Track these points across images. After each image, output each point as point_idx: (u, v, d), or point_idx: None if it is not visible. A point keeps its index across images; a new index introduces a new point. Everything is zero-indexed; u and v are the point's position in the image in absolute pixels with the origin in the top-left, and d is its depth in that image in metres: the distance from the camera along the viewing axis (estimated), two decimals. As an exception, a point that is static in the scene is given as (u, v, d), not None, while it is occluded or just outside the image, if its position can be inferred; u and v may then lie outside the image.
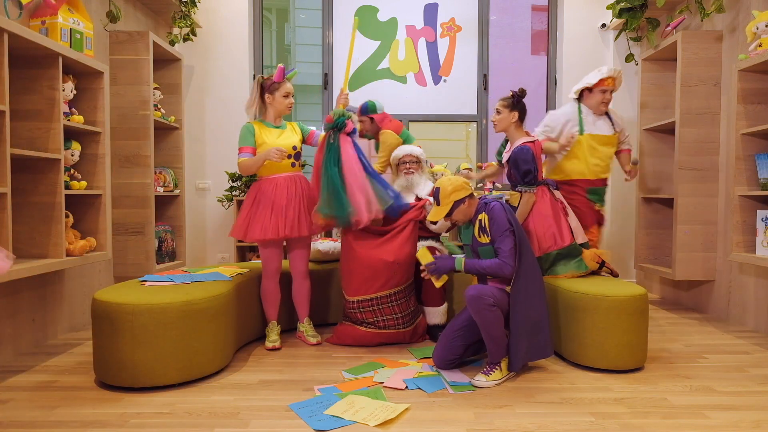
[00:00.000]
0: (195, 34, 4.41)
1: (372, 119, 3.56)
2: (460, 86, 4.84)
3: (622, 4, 4.13)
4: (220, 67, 4.67)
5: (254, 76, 4.77)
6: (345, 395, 2.22)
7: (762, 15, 2.97)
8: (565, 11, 4.72)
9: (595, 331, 2.51)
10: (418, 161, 3.31)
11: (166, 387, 2.32)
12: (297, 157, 2.96)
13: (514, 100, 2.91)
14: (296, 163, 2.96)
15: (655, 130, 4.07)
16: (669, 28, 3.85)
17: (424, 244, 3.14)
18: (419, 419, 2.02)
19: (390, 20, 4.82)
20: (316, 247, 3.32)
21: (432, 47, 4.84)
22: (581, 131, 3.27)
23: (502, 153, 3.14)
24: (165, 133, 4.10)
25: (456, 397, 2.23)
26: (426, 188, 3.28)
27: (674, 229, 3.66)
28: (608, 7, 4.33)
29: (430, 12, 4.82)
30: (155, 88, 3.87)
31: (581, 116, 3.30)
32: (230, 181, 4.40)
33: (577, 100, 3.38)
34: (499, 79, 4.88)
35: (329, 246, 3.36)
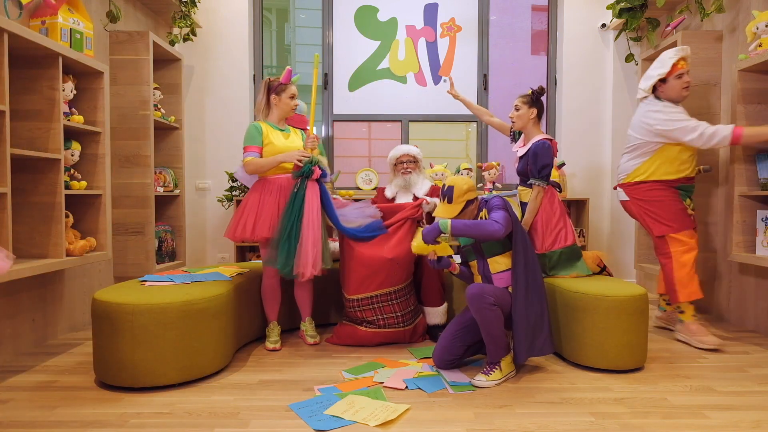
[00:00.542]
0: (195, 34, 4.41)
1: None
2: (460, 86, 4.82)
3: (622, 4, 4.14)
4: (220, 67, 4.67)
5: (254, 76, 4.79)
6: (345, 395, 2.22)
7: (762, 15, 2.97)
8: (565, 11, 4.72)
9: (595, 331, 2.51)
10: (416, 161, 3.31)
11: (166, 387, 2.32)
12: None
13: (533, 96, 2.94)
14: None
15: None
16: (669, 28, 3.85)
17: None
18: (419, 419, 2.02)
19: (390, 20, 4.82)
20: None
21: (432, 47, 4.84)
22: None
23: (516, 137, 3.14)
24: (165, 133, 4.10)
25: (456, 397, 2.23)
26: (424, 188, 3.28)
27: (674, 229, 3.65)
28: (608, 7, 4.33)
29: (430, 12, 4.83)
30: (155, 88, 3.87)
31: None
32: (230, 181, 4.41)
33: (657, 98, 3.02)
34: (499, 79, 4.89)
35: (329, 246, 3.35)
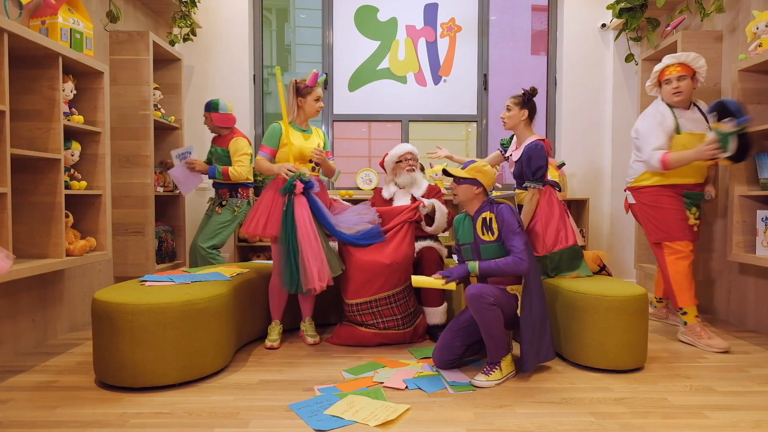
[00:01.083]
0: (195, 34, 4.41)
1: (211, 117, 3.69)
2: (460, 86, 4.84)
3: (622, 4, 4.14)
4: (220, 67, 4.68)
5: (254, 76, 4.79)
6: (345, 395, 2.22)
7: (762, 15, 2.97)
8: (565, 11, 4.72)
9: (595, 331, 2.51)
10: (417, 159, 3.36)
11: (166, 387, 2.32)
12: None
13: (525, 98, 2.92)
14: (316, 167, 3.04)
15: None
16: (669, 28, 3.85)
17: (422, 245, 3.15)
18: (419, 419, 2.02)
19: (390, 20, 4.82)
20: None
21: (432, 47, 4.84)
22: (678, 131, 2.98)
23: (507, 144, 3.15)
24: (165, 133, 4.10)
25: (456, 397, 2.23)
26: (422, 188, 3.30)
27: (674, 229, 3.65)
28: (608, 7, 4.34)
29: (430, 12, 4.83)
30: (155, 88, 3.87)
31: (674, 112, 3.01)
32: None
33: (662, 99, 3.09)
34: (499, 79, 4.89)
35: (329, 246, 3.36)
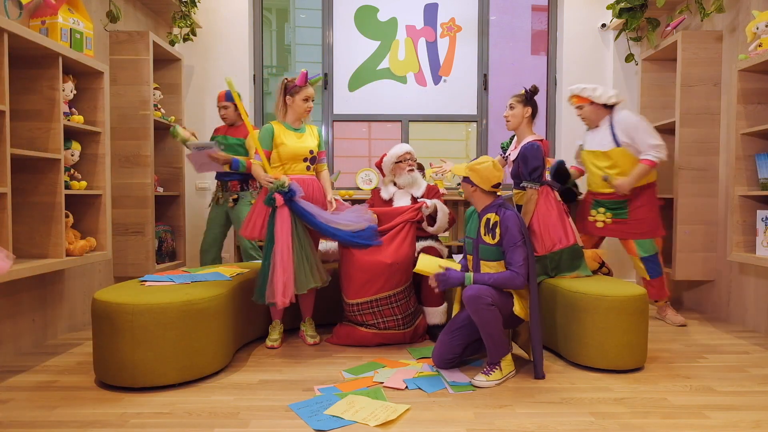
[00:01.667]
0: (195, 34, 4.40)
1: (236, 107, 3.67)
2: (460, 86, 4.84)
3: (622, 4, 4.13)
4: (220, 67, 4.67)
5: (254, 76, 4.79)
6: (345, 395, 2.22)
7: (762, 15, 2.97)
8: (565, 11, 4.72)
9: (595, 331, 2.51)
10: (416, 159, 3.37)
11: (166, 387, 2.32)
12: (312, 161, 2.99)
13: (528, 95, 2.92)
14: (311, 167, 3.00)
15: (655, 130, 4.07)
16: (669, 28, 3.85)
17: (423, 244, 3.15)
18: (419, 419, 2.02)
19: (390, 20, 4.82)
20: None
21: (432, 47, 4.84)
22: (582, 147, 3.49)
23: (507, 147, 3.16)
24: (165, 133, 4.10)
25: (456, 397, 2.23)
26: (421, 188, 3.30)
27: (674, 229, 3.66)
28: (608, 7, 4.33)
29: (430, 12, 4.82)
30: (155, 88, 3.87)
31: (586, 132, 3.47)
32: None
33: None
34: (499, 79, 4.88)
35: (328, 246, 3.35)
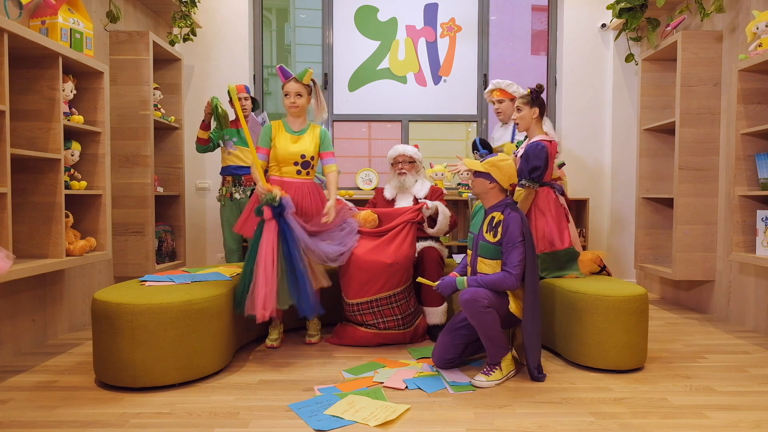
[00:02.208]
0: (195, 34, 4.41)
1: (255, 99, 3.83)
2: (460, 86, 4.84)
3: (622, 4, 4.13)
4: (220, 67, 4.67)
5: (254, 76, 4.79)
6: (345, 395, 2.22)
7: (762, 15, 2.97)
8: (565, 11, 4.72)
9: (595, 331, 2.51)
10: (412, 161, 3.30)
11: (166, 387, 2.32)
12: (305, 165, 2.91)
13: (533, 96, 2.91)
14: (302, 171, 2.92)
15: (655, 130, 4.07)
16: (669, 28, 3.85)
17: (423, 245, 3.15)
18: (419, 419, 2.02)
19: (390, 20, 4.82)
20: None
21: (432, 47, 4.84)
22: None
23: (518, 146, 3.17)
24: (165, 133, 4.11)
25: (456, 397, 2.23)
26: (423, 189, 3.27)
27: (674, 229, 3.66)
28: (608, 7, 4.33)
29: (430, 12, 4.82)
30: (155, 88, 3.87)
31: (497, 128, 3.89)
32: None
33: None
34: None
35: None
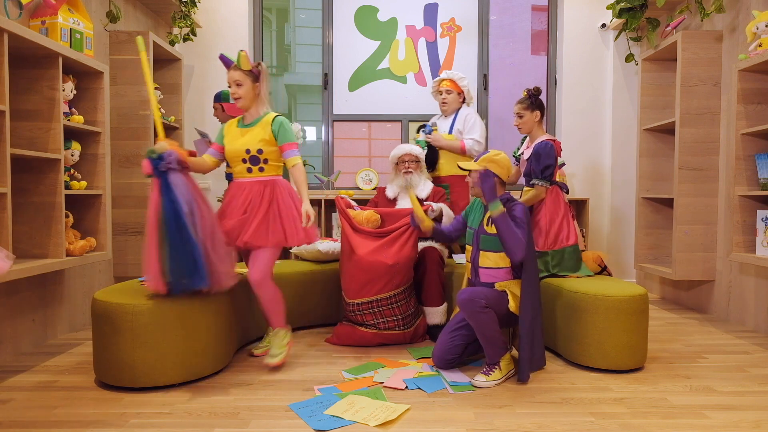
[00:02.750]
0: (195, 34, 4.41)
1: (222, 108, 3.71)
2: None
3: (622, 4, 4.13)
4: (220, 67, 4.65)
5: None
6: (345, 395, 2.22)
7: (762, 15, 2.97)
8: (565, 11, 4.72)
9: (595, 331, 2.51)
10: (417, 160, 3.30)
11: (166, 387, 2.32)
12: (253, 161, 2.55)
13: (532, 99, 2.91)
14: (253, 168, 2.56)
15: (655, 130, 4.07)
16: (669, 28, 3.85)
17: (423, 245, 3.14)
18: (419, 419, 2.02)
19: (390, 20, 4.82)
20: (316, 247, 3.32)
21: (432, 47, 4.84)
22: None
23: (518, 152, 3.17)
24: (165, 133, 4.09)
25: (456, 397, 2.23)
26: (426, 189, 3.27)
27: (674, 229, 3.66)
28: (608, 7, 4.33)
29: (430, 12, 4.82)
30: (155, 88, 3.87)
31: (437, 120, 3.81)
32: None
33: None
34: (499, 79, 4.88)
35: (329, 246, 3.35)
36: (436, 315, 3.09)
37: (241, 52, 2.52)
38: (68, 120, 2.80)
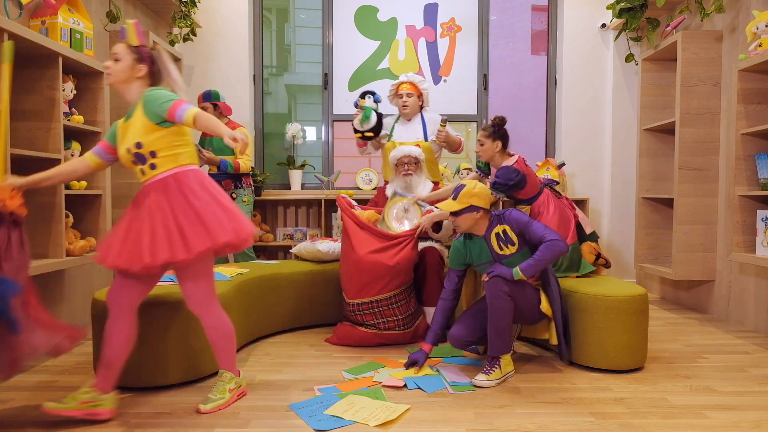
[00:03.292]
0: (195, 34, 4.40)
1: (216, 105, 3.77)
2: (460, 86, 4.84)
3: (622, 4, 4.14)
4: (220, 67, 4.67)
5: (254, 76, 4.79)
6: (345, 395, 2.22)
7: (762, 15, 2.97)
8: (565, 11, 4.72)
9: (595, 331, 2.51)
10: (417, 162, 3.29)
11: (166, 387, 2.32)
12: (139, 159, 2.01)
13: (495, 129, 2.89)
14: (144, 169, 2.02)
15: (655, 130, 4.08)
16: (669, 28, 3.85)
17: (424, 245, 3.14)
18: (419, 419, 2.02)
19: (390, 20, 4.82)
20: (316, 247, 3.32)
21: (432, 47, 4.84)
22: (389, 138, 3.52)
23: (483, 165, 3.17)
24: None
25: (456, 397, 2.23)
26: (426, 189, 3.27)
27: (674, 229, 3.66)
28: (608, 7, 4.33)
29: (430, 12, 4.83)
30: (155, 88, 3.87)
31: (394, 124, 3.58)
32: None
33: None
34: (499, 79, 4.89)
35: (329, 246, 3.35)
36: (436, 315, 3.08)
37: (130, 21, 2.03)
38: (68, 120, 2.80)
